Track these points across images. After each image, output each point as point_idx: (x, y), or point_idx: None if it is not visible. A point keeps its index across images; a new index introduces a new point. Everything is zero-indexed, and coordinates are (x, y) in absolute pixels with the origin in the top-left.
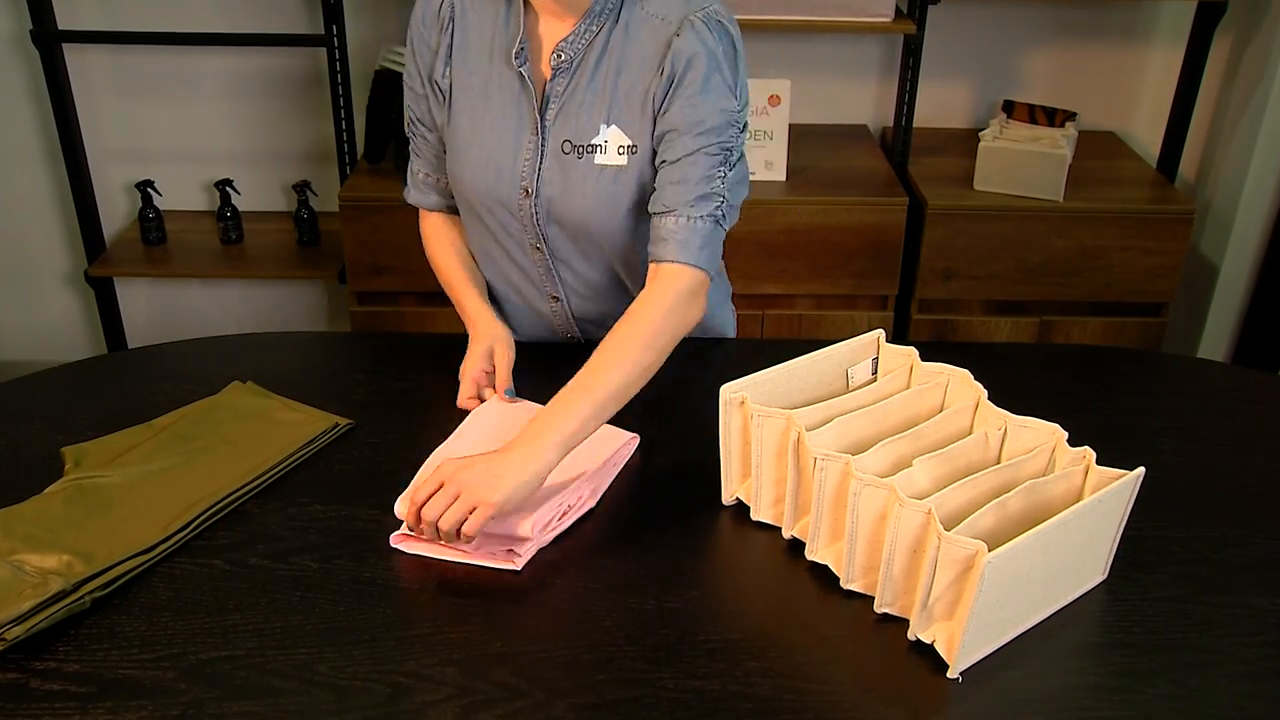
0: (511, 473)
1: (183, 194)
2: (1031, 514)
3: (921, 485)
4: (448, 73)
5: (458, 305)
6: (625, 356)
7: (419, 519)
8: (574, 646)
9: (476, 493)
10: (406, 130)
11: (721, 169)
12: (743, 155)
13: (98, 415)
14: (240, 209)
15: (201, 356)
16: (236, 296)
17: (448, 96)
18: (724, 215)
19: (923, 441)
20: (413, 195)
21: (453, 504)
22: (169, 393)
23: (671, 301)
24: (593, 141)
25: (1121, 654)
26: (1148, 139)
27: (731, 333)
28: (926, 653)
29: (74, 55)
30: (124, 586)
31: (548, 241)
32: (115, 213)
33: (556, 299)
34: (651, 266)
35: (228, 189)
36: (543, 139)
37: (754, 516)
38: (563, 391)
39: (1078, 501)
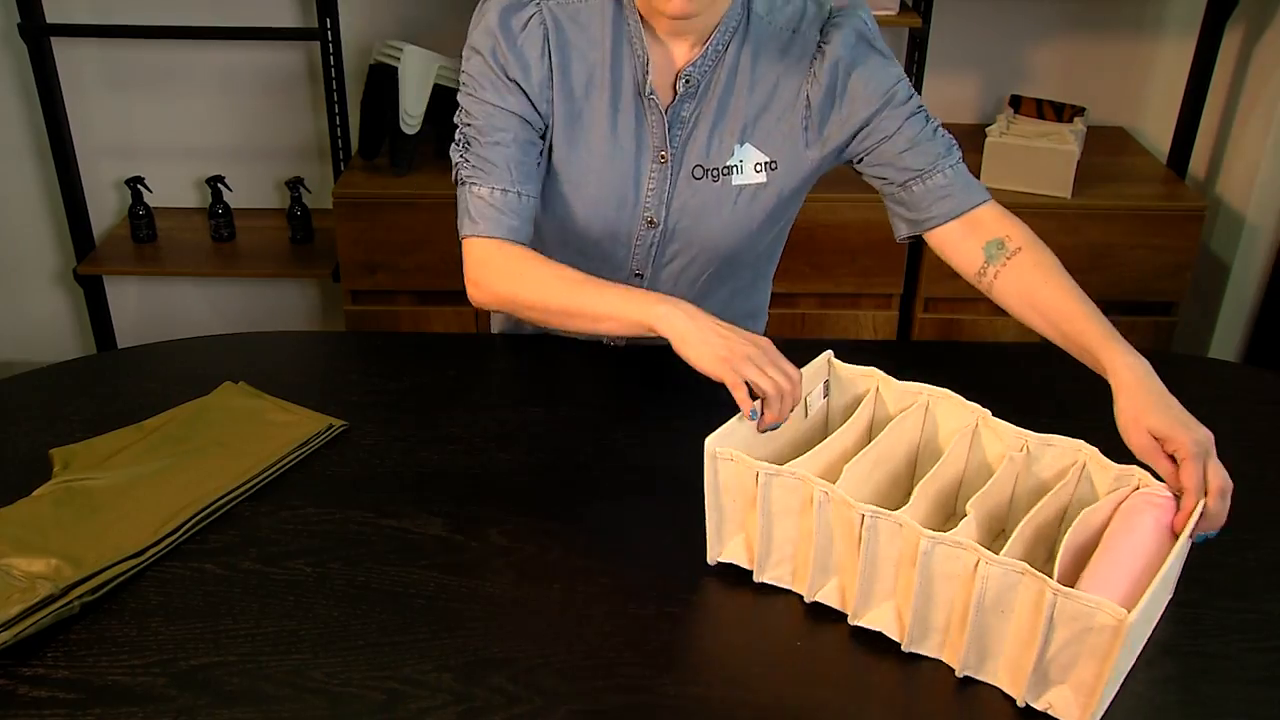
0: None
1: (173, 191)
2: (1090, 541)
3: (979, 532)
4: (548, 99)
5: (619, 301)
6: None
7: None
8: (573, 652)
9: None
10: (460, 157)
11: (932, 124)
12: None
13: (87, 416)
14: (232, 206)
15: (193, 356)
16: (228, 295)
17: (548, 128)
18: (960, 159)
19: (942, 478)
20: (484, 225)
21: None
22: (159, 393)
23: (1015, 220)
24: (728, 163)
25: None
26: (1157, 134)
27: (761, 327)
28: (931, 664)
29: (62, 49)
30: (113, 591)
31: (656, 270)
32: (105, 210)
33: None
34: (952, 224)
35: (219, 186)
36: (673, 166)
37: (758, 579)
38: (1094, 323)
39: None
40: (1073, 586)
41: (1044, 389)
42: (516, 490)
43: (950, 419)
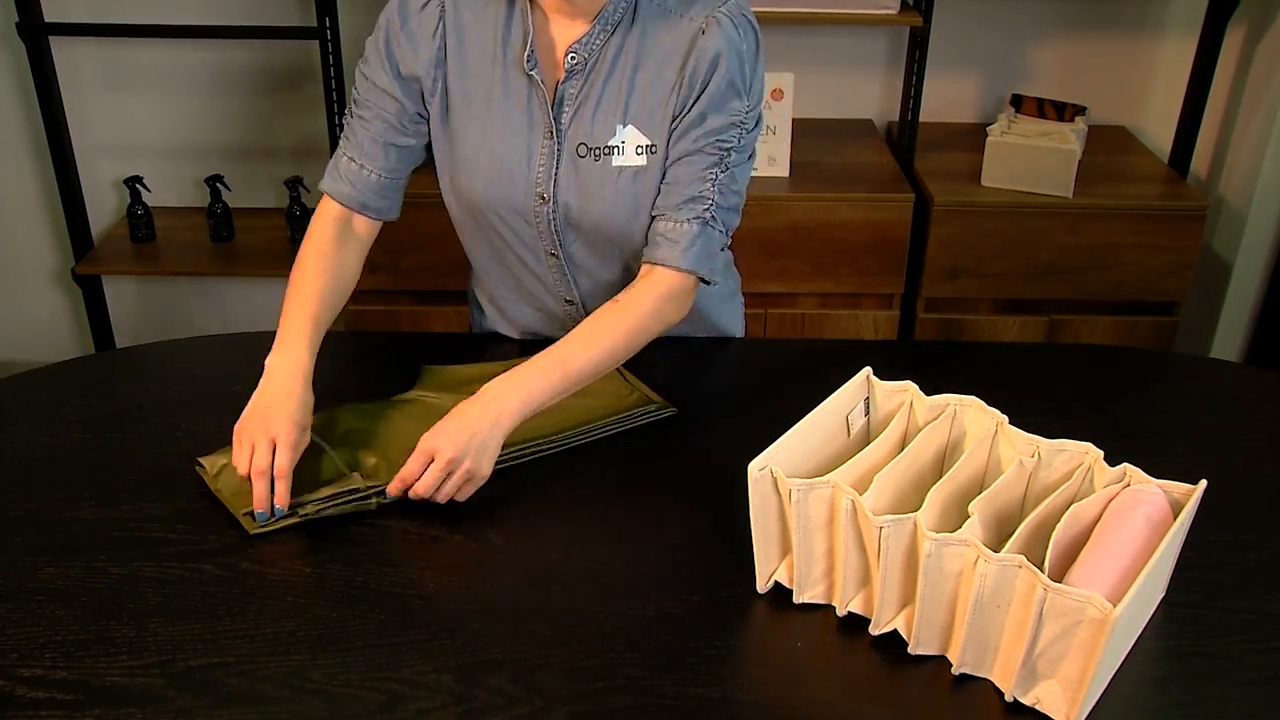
0: (491, 439)
1: (172, 190)
2: (1081, 537)
3: (983, 533)
4: (440, 77)
5: (285, 329)
6: (603, 341)
7: (404, 493)
8: (572, 653)
9: (477, 467)
10: (346, 115)
11: (714, 170)
12: (751, 153)
13: (85, 416)
14: (231, 205)
15: (191, 356)
16: (227, 295)
17: (444, 104)
18: (713, 217)
19: (957, 483)
20: (328, 183)
21: (447, 480)
22: (158, 393)
23: (654, 305)
24: (610, 143)
25: (1133, 660)
26: (1159, 134)
27: (739, 331)
28: (930, 662)
29: (61, 48)
30: (112, 591)
31: (564, 247)
32: (103, 209)
33: (571, 302)
34: (644, 265)
35: (218, 185)
36: (558, 143)
37: (798, 600)
38: (537, 357)
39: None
40: (1062, 581)
41: (1044, 389)
42: (516, 490)
43: (974, 425)
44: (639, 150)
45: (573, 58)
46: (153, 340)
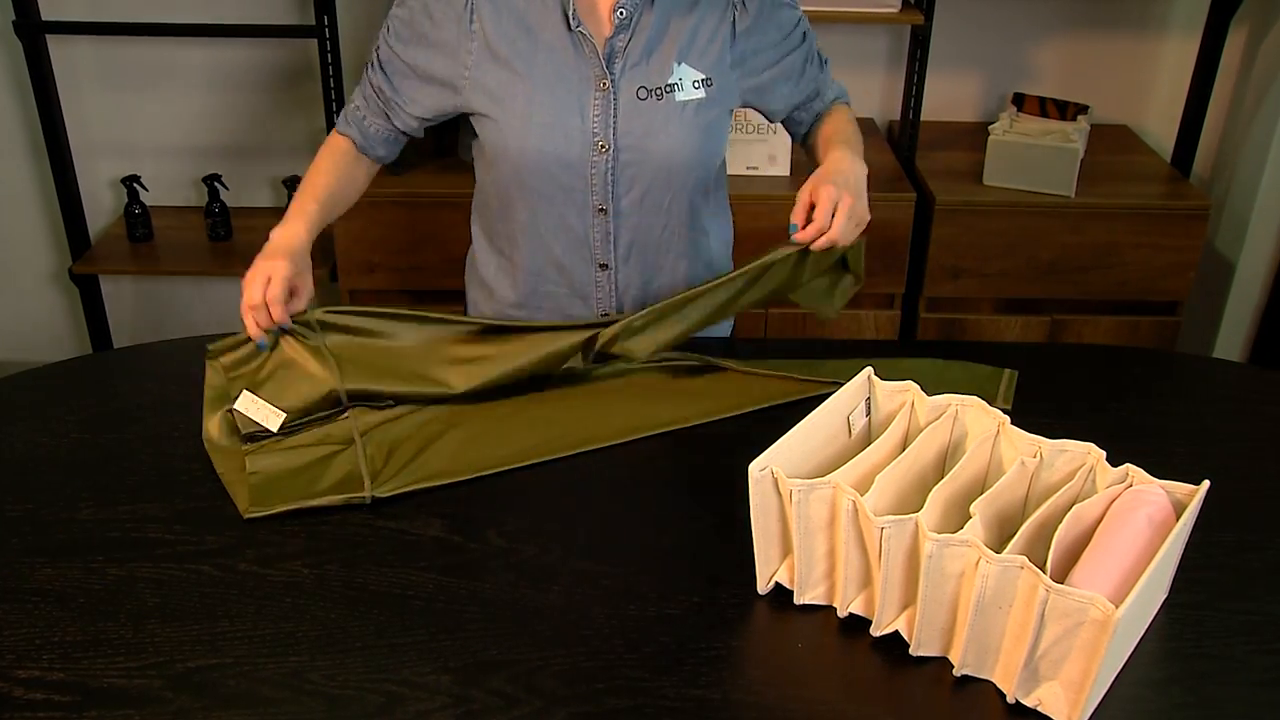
0: (863, 187)
1: (170, 189)
2: (1083, 538)
3: (984, 533)
4: (474, 49)
5: (290, 210)
6: (844, 125)
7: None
8: (572, 654)
9: (860, 212)
10: (368, 72)
11: (810, 66)
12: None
13: (82, 417)
14: (229, 205)
15: (189, 356)
16: (225, 294)
17: (482, 74)
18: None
19: (959, 483)
20: (340, 124)
21: (845, 220)
22: (155, 393)
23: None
24: (669, 81)
25: (1135, 662)
26: (1162, 133)
27: (726, 330)
28: (931, 663)
29: (58, 46)
30: (110, 592)
31: (615, 200)
32: (100, 209)
33: (605, 266)
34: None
35: (216, 184)
36: (614, 92)
37: (798, 601)
38: (840, 134)
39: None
40: (1064, 582)
41: (1045, 389)
42: (515, 491)
43: (975, 426)
44: (695, 84)
45: (621, 13)
46: (150, 340)
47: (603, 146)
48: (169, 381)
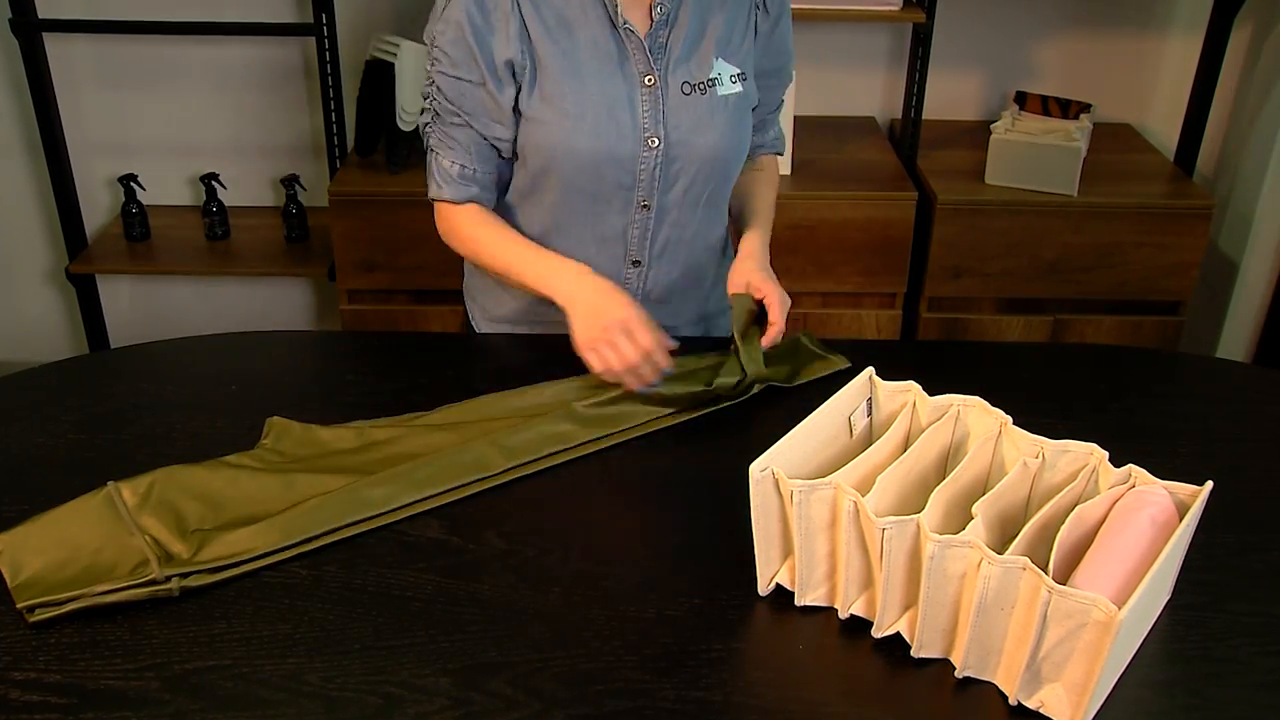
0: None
1: (167, 188)
2: (1085, 539)
3: (986, 534)
4: (527, 51)
5: (543, 268)
6: (766, 191)
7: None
8: (572, 655)
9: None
10: (429, 124)
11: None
12: None
13: (79, 417)
14: (226, 204)
15: (186, 356)
16: (222, 294)
17: (533, 75)
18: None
19: (961, 484)
20: (449, 191)
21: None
22: (152, 393)
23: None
24: (710, 76)
25: (1138, 664)
26: (1165, 131)
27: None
28: (933, 665)
29: (55, 45)
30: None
31: (660, 195)
32: (97, 208)
33: (638, 263)
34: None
35: (214, 183)
36: (662, 88)
37: (799, 602)
38: (764, 210)
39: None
40: (1066, 583)
41: (1046, 389)
42: (515, 492)
43: (977, 426)
44: (733, 79)
45: (659, 9)
46: (147, 340)
47: (653, 142)
48: (166, 381)
